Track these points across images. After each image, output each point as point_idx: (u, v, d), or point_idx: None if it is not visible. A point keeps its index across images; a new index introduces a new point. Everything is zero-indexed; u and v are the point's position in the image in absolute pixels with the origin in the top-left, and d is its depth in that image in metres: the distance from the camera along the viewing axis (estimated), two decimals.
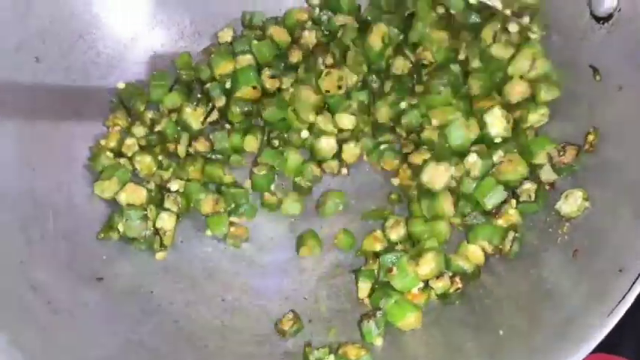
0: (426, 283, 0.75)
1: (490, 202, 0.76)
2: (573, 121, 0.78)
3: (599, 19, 0.76)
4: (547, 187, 0.77)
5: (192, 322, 0.75)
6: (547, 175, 0.78)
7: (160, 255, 0.81)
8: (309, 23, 0.96)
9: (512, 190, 0.78)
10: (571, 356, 0.55)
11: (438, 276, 0.74)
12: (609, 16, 0.74)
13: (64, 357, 0.60)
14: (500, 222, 0.77)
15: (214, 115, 0.91)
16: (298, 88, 0.88)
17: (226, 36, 0.97)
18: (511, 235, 0.75)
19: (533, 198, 0.76)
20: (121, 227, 0.80)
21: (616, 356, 0.83)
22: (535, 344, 0.61)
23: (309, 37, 0.93)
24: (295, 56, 0.93)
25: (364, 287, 0.77)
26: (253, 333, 0.75)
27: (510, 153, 0.78)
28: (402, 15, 0.91)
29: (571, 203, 0.72)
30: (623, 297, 0.56)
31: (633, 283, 0.56)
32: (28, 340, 0.61)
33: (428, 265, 0.74)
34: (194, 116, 0.90)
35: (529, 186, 0.77)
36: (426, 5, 0.87)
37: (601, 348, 0.82)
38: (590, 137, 0.74)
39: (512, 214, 0.77)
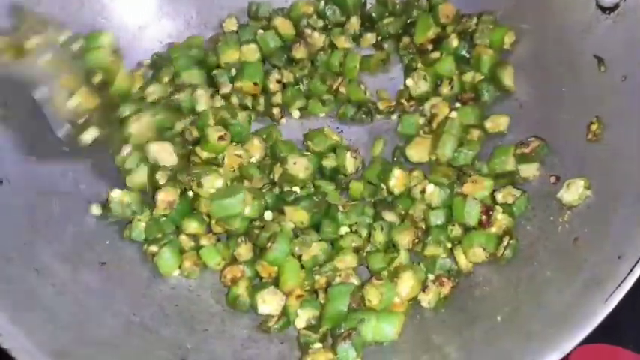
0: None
1: (471, 216, 0.75)
2: (577, 110, 0.78)
3: (604, 10, 0.76)
4: (552, 181, 0.77)
5: (193, 306, 0.76)
6: (525, 172, 0.79)
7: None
8: (315, 17, 0.97)
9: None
10: (567, 341, 0.55)
11: (424, 288, 0.73)
12: (615, 6, 0.75)
13: (65, 335, 0.61)
14: (494, 230, 0.75)
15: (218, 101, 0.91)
16: None
17: (231, 25, 0.98)
18: (505, 240, 0.74)
19: (512, 201, 0.76)
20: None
21: (617, 346, 0.82)
22: (533, 329, 0.61)
23: (318, 39, 0.95)
24: (299, 53, 0.94)
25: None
26: (253, 317, 0.75)
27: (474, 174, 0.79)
28: (404, 20, 0.96)
29: (572, 192, 0.72)
30: (621, 283, 0.55)
31: (631, 270, 0.56)
32: (30, 318, 0.62)
33: (406, 284, 0.72)
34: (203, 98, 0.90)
35: (505, 192, 0.77)
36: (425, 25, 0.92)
37: (602, 339, 0.83)
38: (594, 127, 0.74)
39: (501, 219, 0.75)
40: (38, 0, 0.83)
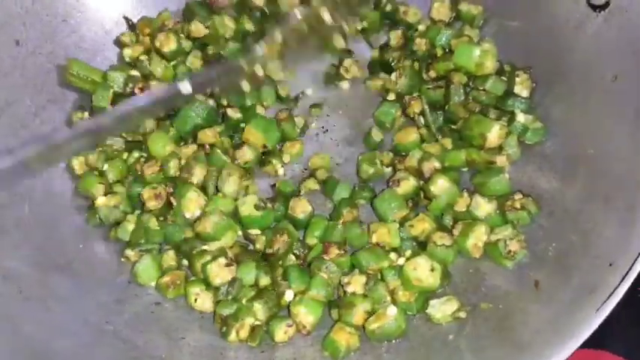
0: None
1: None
2: (568, 111, 0.77)
3: (595, 7, 0.76)
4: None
5: (169, 313, 0.73)
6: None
7: None
8: None
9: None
10: (559, 352, 0.53)
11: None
12: (606, 4, 0.74)
13: (31, 346, 0.58)
14: None
15: None
16: None
17: None
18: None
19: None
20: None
21: (604, 351, 0.81)
22: (523, 340, 0.59)
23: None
24: None
25: None
26: None
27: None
28: None
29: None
30: (613, 292, 0.54)
31: (623, 278, 0.54)
32: None
33: None
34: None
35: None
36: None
37: (589, 344, 0.81)
38: None
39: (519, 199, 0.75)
40: None
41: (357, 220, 0.78)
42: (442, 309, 0.69)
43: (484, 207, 0.74)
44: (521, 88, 0.82)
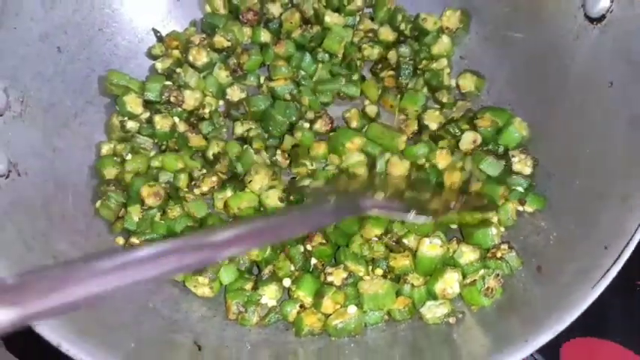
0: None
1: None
2: (567, 114, 0.82)
3: (592, 20, 0.80)
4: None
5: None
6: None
7: None
8: None
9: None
10: (559, 323, 0.59)
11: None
12: (602, 17, 0.78)
13: (85, 319, 0.64)
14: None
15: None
16: None
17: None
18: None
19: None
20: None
21: (604, 340, 0.86)
22: (527, 314, 0.65)
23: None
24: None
25: None
26: None
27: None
28: None
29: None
30: (607, 271, 0.60)
31: (616, 259, 0.60)
32: None
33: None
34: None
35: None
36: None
37: (589, 333, 0.87)
38: None
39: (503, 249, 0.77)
40: (51, 5, 0.87)
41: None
42: (433, 310, 0.74)
43: (467, 255, 0.77)
44: (522, 167, 0.84)
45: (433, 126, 0.92)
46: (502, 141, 0.87)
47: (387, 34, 1.01)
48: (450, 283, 0.75)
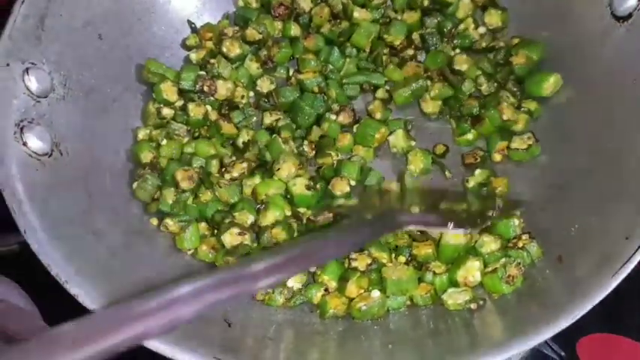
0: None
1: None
2: (589, 112, 0.84)
3: (619, 19, 0.81)
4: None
5: None
6: None
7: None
8: None
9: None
10: (579, 309, 0.61)
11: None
12: (629, 16, 0.80)
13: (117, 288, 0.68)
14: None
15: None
16: None
17: None
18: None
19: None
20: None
21: (620, 336, 0.88)
22: (548, 300, 0.67)
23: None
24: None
25: None
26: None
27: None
28: None
29: None
30: (627, 260, 0.61)
31: (638, 249, 0.62)
32: (90, 273, 0.69)
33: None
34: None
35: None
36: None
37: (606, 329, 0.89)
38: None
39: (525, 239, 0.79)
40: None
41: None
42: (454, 297, 0.76)
43: (489, 245, 0.78)
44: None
45: (464, 67, 0.96)
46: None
47: (410, 16, 1.02)
48: (471, 271, 0.77)
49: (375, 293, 0.77)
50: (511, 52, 0.94)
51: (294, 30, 1.03)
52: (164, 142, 0.93)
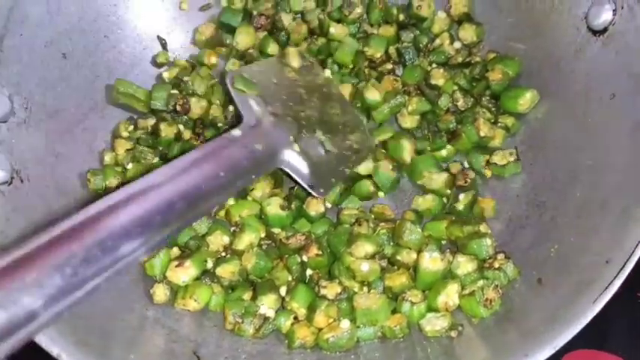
0: None
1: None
2: (567, 125, 0.82)
3: (595, 32, 0.80)
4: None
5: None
6: None
7: None
8: None
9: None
10: (559, 338, 0.59)
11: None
12: (604, 30, 0.79)
13: (83, 330, 0.64)
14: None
15: None
16: None
17: None
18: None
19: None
20: None
21: (605, 352, 0.86)
22: (527, 327, 0.65)
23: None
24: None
25: None
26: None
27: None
28: None
29: None
30: (608, 285, 0.60)
31: (618, 273, 0.60)
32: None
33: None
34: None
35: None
36: None
37: (591, 345, 0.87)
38: None
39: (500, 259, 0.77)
40: (57, 11, 0.87)
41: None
42: (433, 322, 0.73)
43: (465, 266, 0.76)
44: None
45: (440, 82, 0.94)
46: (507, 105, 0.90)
47: (386, 30, 1.01)
48: (451, 295, 0.74)
49: (345, 323, 0.74)
50: (487, 67, 0.93)
51: (271, 48, 1.00)
52: (129, 165, 0.89)
